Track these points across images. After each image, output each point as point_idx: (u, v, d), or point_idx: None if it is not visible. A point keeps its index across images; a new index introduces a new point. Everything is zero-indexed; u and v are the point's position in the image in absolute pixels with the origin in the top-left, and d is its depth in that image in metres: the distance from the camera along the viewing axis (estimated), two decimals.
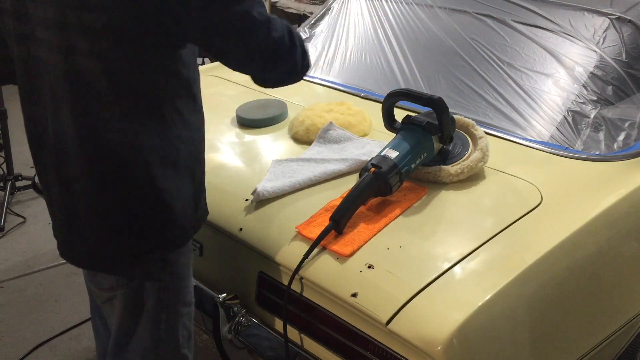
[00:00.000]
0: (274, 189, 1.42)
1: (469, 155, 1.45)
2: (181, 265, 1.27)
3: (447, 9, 2.03)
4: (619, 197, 1.40)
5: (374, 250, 1.24)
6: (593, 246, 1.34)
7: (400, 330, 1.09)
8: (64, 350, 2.26)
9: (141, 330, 1.26)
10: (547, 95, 1.69)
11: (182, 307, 1.30)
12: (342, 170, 1.50)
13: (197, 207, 1.27)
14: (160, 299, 1.25)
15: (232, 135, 1.76)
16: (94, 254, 1.22)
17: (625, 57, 1.70)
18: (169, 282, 1.25)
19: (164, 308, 1.26)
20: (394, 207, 1.35)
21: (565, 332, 1.30)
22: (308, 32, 2.32)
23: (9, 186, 3.23)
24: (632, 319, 1.46)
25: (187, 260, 1.30)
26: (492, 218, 1.33)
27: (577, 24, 1.79)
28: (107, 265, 1.23)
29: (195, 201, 1.26)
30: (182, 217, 1.22)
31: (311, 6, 4.94)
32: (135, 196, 1.16)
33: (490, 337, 1.12)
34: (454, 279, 1.16)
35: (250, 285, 1.40)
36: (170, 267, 1.25)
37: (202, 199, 1.30)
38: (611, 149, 1.56)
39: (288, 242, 1.31)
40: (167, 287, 1.25)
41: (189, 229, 1.25)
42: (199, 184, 1.27)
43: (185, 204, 1.22)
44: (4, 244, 2.94)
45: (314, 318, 1.27)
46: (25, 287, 2.64)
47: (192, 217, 1.25)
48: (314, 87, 2.04)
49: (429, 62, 1.93)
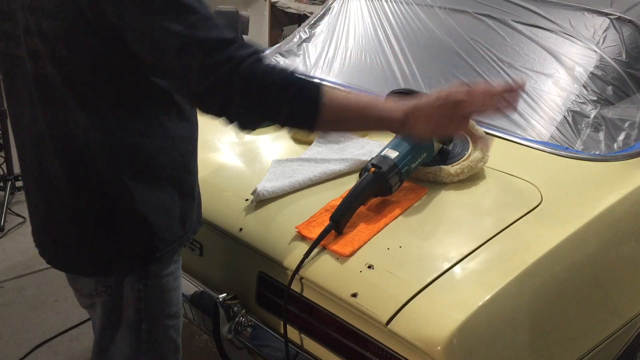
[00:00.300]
0: (274, 189, 1.42)
1: (469, 155, 1.45)
2: (164, 276, 1.22)
3: (447, 9, 2.03)
4: (619, 197, 1.40)
5: (374, 250, 1.24)
6: (593, 246, 1.34)
7: (400, 330, 1.09)
8: (64, 350, 2.26)
9: (121, 340, 1.23)
10: (547, 95, 1.69)
11: (165, 319, 1.25)
12: (342, 170, 1.50)
13: (184, 221, 1.21)
14: (139, 309, 1.20)
15: (232, 135, 1.76)
16: (67, 255, 1.19)
17: (625, 57, 1.70)
18: (149, 293, 1.20)
19: (143, 319, 1.21)
20: (394, 207, 1.35)
21: (565, 332, 1.30)
22: (308, 32, 2.32)
23: (9, 186, 3.24)
24: (632, 319, 1.46)
25: (174, 271, 1.25)
26: (492, 218, 1.33)
27: (577, 24, 1.79)
28: (80, 269, 1.20)
29: (183, 214, 1.20)
30: (165, 231, 1.17)
31: (311, 6, 4.94)
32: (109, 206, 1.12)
33: (490, 337, 1.12)
34: (454, 279, 1.16)
35: (250, 285, 1.40)
36: (150, 279, 1.20)
37: (193, 212, 1.25)
38: (611, 149, 1.56)
39: (288, 242, 1.31)
40: (147, 298, 1.20)
41: (172, 242, 1.19)
42: (188, 196, 1.22)
43: (169, 217, 1.17)
44: (4, 244, 2.94)
45: (314, 318, 1.27)
46: (25, 287, 2.64)
47: (178, 230, 1.20)
48: None
49: (429, 62, 1.93)
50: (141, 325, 1.22)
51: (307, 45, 2.26)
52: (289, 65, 1.01)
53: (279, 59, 2.26)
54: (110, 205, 1.13)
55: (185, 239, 1.24)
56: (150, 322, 1.23)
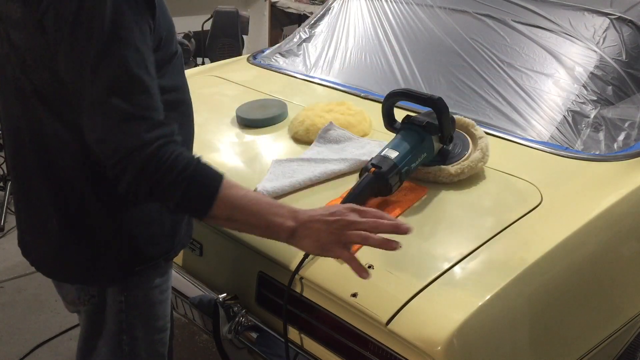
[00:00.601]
0: (274, 189, 1.42)
1: (469, 155, 1.45)
2: (148, 289, 1.19)
3: (447, 9, 2.03)
4: (619, 197, 1.40)
5: (374, 250, 1.23)
6: (593, 246, 1.34)
7: (400, 330, 1.09)
8: (64, 350, 2.26)
9: (103, 351, 1.20)
10: (547, 95, 1.69)
11: (150, 332, 1.22)
12: (342, 170, 1.50)
13: (174, 235, 1.19)
14: (119, 320, 1.17)
15: (232, 135, 1.76)
16: (48, 259, 1.17)
17: (625, 57, 1.70)
18: (131, 305, 1.17)
19: (124, 331, 1.18)
20: (394, 207, 1.35)
21: (565, 332, 1.30)
22: (308, 32, 2.33)
23: (9, 186, 3.24)
24: (632, 319, 1.46)
25: (160, 284, 1.21)
26: (492, 218, 1.33)
27: (577, 24, 1.79)
28: (58, 274, 1.18)
29: (173, 228, 1.18)
30: (149, 245, 1.14)
31: (311, 6, 4.95)
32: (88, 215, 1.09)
33: (490, 337, 1.12)
34: (454, 279, 1.16)
35: (250, 285, 1.40)
36: (132, 291, 1.17)
37: (184, 224, 1.22)
38: (611, 149, 1.56)
39: None
40: (129, 310, 1.17)
41: (157, 256, 1.16)
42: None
43: (156, 230, 1.15)
44: (4, 244, 2.94)
45: (314, 318, 1.27)
46: (25, 287, 2.64)
47: (166, 245, 1.17)
48: (314, 87, 2.04)
49: (429, 62, 1.93)
50: (122, 337, 1.19)
51: (307, 45, 2.26)
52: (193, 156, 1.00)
53: (278, 59, 2.26)
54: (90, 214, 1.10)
55: (172, 253, 1.21)
56: (133, 334, 1.19)
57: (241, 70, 2.24)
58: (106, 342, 1.20)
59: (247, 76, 2.17)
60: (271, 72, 2.19)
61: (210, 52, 4.30)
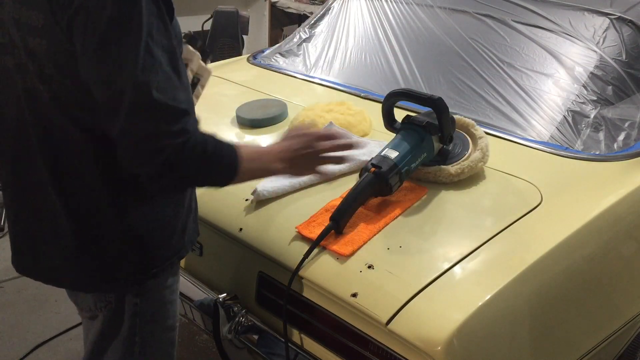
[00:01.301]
0: (274, 188, 1.42)
1: (469, 155, 1.45)
2: (161, 290, 1.21)
3: (447, 9, 2.03)
4: (619, 197, 1.40)
5: (374, 250, 1.24)
6: (593, 246, 1.34)
7: (400, 330, 1.09)
8: (64, 350, 2.26)
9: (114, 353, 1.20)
10: (547, 95, 1.69)
11: (160, 332, 1.23)
12: (342, 170, 1.50)
13: (184, 232, 1.20)
14: (134, 323, 1.18)
15: (232, 135, 1.76)
16: (63, 270, 1.16)
17: (625, 57, 1.70)
18: (145, 306, 1.19)
19: (137, 332, 1.19)
20: (394, 207, 1.35)
21: (566, 332, 1.30)
22: (308, 32, 2.33)
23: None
24: (632, 319, 1.46)
25: (171, 284, 1.23)
26: (492, 218, 1.33)
27: (577, 24, 1.79)
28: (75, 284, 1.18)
29: (183, 226, 1.20)
30: (162, 247, 1.16)
31: (311, 6, 4.94)
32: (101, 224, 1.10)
33: (490, 337, 1.12)
34: (454, 279, 1.16)
35: (250, 285, 1.40)
36: (147, 293, 1.18)
37: (191, 221, 1.23)
38: (611, 149, 1.56)
39: (288, 242, 1.31)
40: (143, 312, 1.18)
41: (170, 256, 1.18)
42: (187, 208, 1.21)
43: (168, 231, 1.16)
44: (4, 244, 2.94)
45: (314, 318, 1.27)
46: (25, 287, 2.64)
47: (178, 243, 1.19)
48: (314, 87, 2.04)
49: (429, 62, 1.93)
50: (135, 339, 1.20)
51: (307, 45, 2.26)
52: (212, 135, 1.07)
53: (278, 59, 2.26)
54: (105, 222, 1.10)
55: (184, 251, 1.22)
56: (145, 335, 1.20)
57: (241, 70, 2.25)
58: (118, 344, 1.20)
59: (247, 76, 2.17)
60: (271, 72, 2.19)
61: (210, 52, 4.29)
